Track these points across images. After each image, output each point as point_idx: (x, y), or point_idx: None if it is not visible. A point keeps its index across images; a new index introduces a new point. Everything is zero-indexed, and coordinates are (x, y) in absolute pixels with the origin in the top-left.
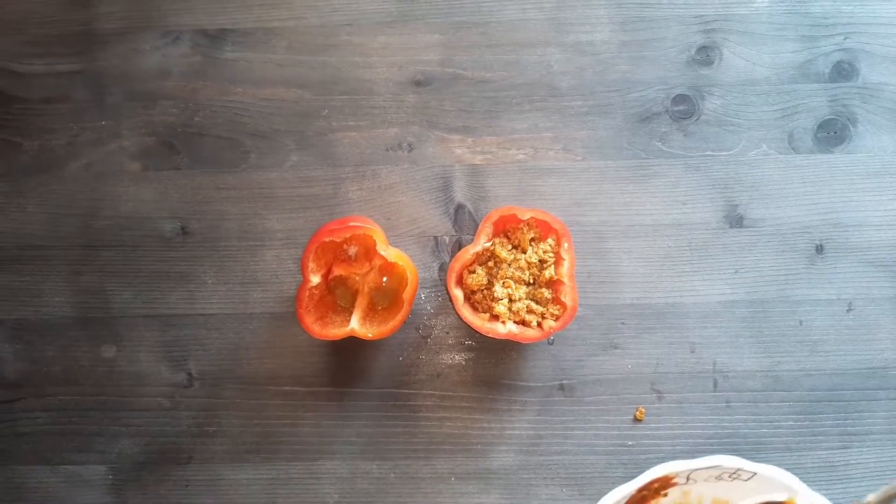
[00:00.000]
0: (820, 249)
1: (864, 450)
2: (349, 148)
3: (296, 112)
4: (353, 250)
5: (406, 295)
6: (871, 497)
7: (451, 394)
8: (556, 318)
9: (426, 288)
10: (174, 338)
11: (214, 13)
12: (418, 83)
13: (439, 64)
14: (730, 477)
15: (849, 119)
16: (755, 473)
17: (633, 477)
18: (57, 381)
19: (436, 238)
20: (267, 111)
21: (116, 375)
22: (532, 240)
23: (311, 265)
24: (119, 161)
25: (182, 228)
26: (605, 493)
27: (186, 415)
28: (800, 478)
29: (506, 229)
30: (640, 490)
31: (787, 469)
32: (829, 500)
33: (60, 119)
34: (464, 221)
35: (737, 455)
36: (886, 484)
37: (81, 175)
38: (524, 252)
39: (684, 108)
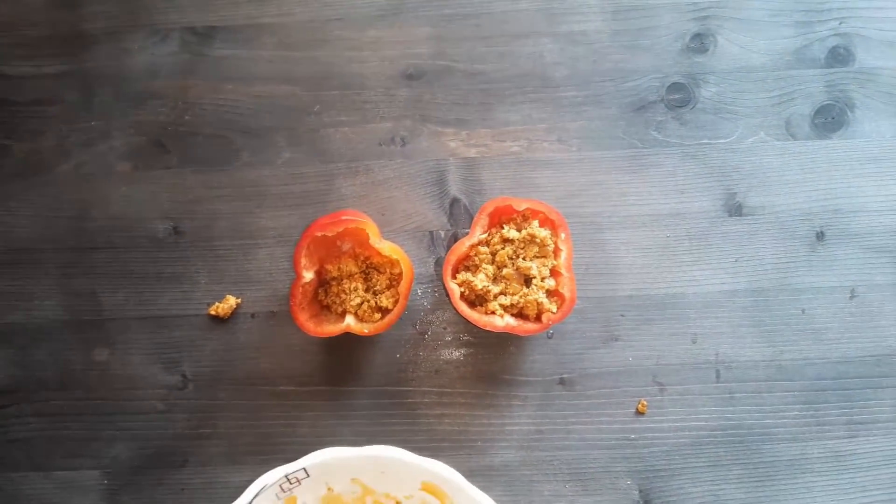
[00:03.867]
0: (821, 236)
1: (871, 438)
2: (341, 143)
3: (287, 108)
4: (346, 246)
5: (401, 289)
6: None
7: (450, 390)
8: (556, 310)
9: (422, 283)
10: (167, 339)
11: (203, 10)
12: (410, 76)
13: (431, 57)
14: (288, 483)
15: (846, 104)
16: (304, 468)
17: (636, 471)
18: (49, 385)
19: (431, 232)
20: (258, 108)
21: (109, 379)
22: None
23: (304, 261)
24: (109, 162)
25: (174, 228)
26: (603, 488)
27: (181, 417)
28: (806, 468)
29: (501, 220)
30: None
31: (794, 460)
32: (838, 489)
33: (49, 121)
34: (459, 215)
35: (743, 447)
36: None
37: (71, 177)
38: (519, 231)
39: (680, 97)
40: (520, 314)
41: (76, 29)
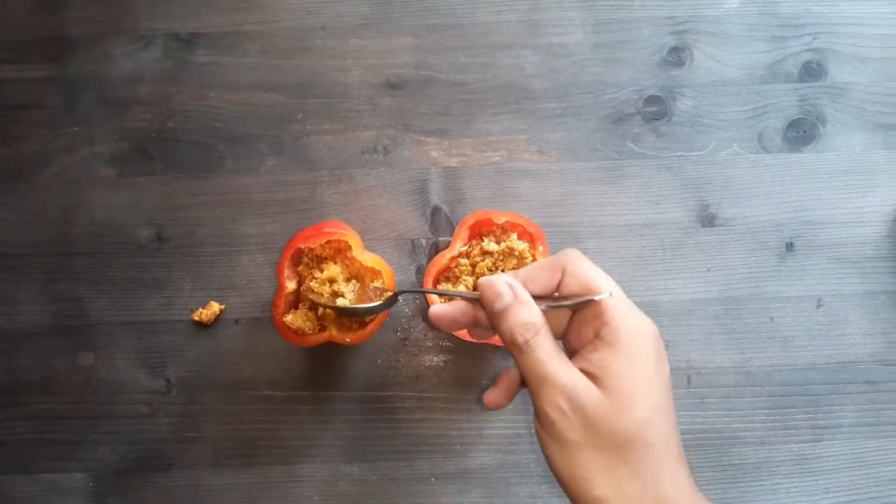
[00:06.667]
0: (790, 247)
1: (835, 443)
2: (324, 151)
3: (270, 116)
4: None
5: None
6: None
7: (430, 395)
8: None
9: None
10: (152, 344)
11: (186, 17)
12: (393, 86)
13: (413, 66)
14: None
15: (818, 118)
16: None
17: None
18: (34, 389)
19: (412, 241)
20: (241, 115)
21: (94, 383)
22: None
23: (287, 272)
24: (92, 167)
25: (157, 234)
26: None
27: (165, 421)
28: (772, 471)
29: (481, 233)
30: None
31: (761, 463)
32: (802, 492)
33: (33, 126)
34: (440, 223)
35: (713, 450)
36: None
37: (55, 182)
38: (498, 244)
39: (656, 109)
40: None
41: (59, 34)
